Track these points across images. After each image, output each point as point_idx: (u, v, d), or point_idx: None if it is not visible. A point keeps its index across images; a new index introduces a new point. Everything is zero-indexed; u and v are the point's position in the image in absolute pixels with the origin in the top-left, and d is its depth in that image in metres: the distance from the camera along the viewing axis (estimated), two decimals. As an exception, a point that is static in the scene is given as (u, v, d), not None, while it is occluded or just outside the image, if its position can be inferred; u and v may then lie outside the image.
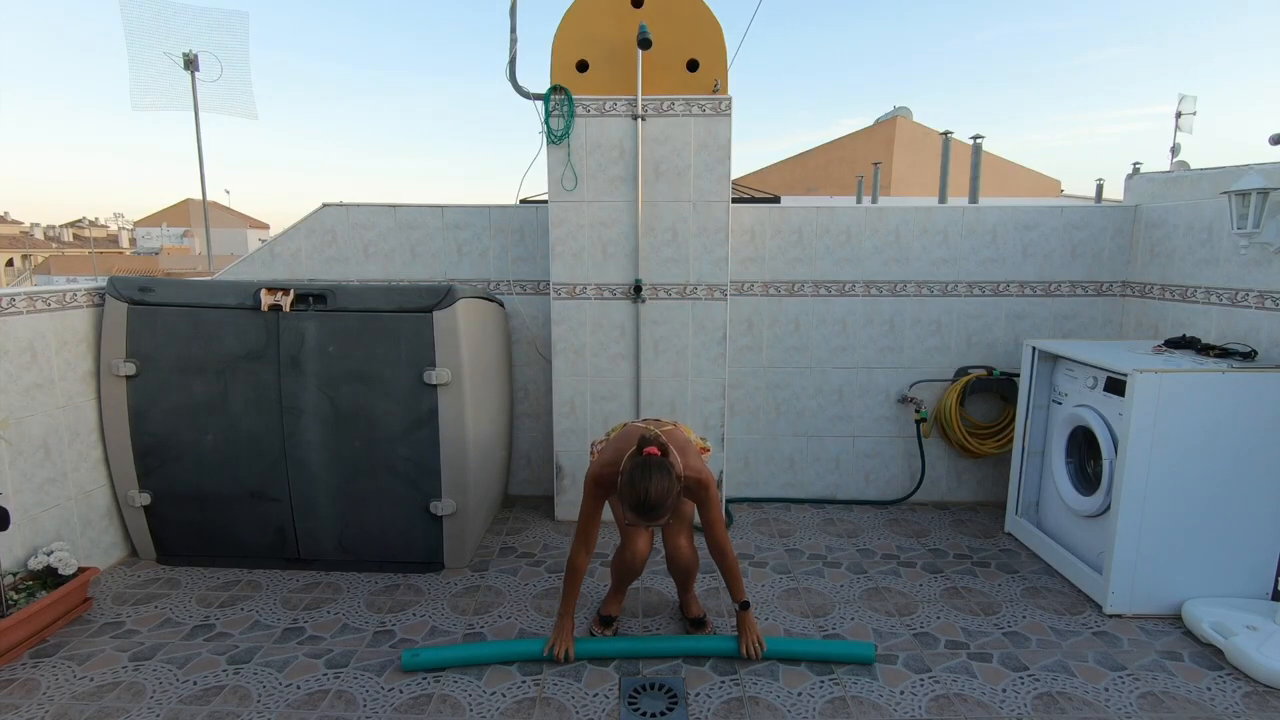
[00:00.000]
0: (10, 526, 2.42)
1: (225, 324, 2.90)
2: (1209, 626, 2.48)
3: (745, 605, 2.41)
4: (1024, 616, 2.70)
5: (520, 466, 3.97)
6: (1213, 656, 2.43)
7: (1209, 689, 2.25)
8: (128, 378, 2.92)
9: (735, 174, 4.33)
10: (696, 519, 2.49)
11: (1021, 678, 2.31)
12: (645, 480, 2.06)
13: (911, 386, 3.82)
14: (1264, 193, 2.77)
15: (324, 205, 3.78)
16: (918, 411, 3.77)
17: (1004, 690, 2.25)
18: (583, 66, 3.41)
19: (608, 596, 2.64)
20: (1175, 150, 4.75)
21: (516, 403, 3.92)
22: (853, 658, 2.38)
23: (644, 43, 3.16)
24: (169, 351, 2.92)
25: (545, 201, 3.44)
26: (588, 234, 3.38)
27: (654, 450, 2.13)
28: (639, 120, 3.27)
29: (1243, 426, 2.57)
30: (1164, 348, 3.03)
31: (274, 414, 2.91)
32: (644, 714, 2.12)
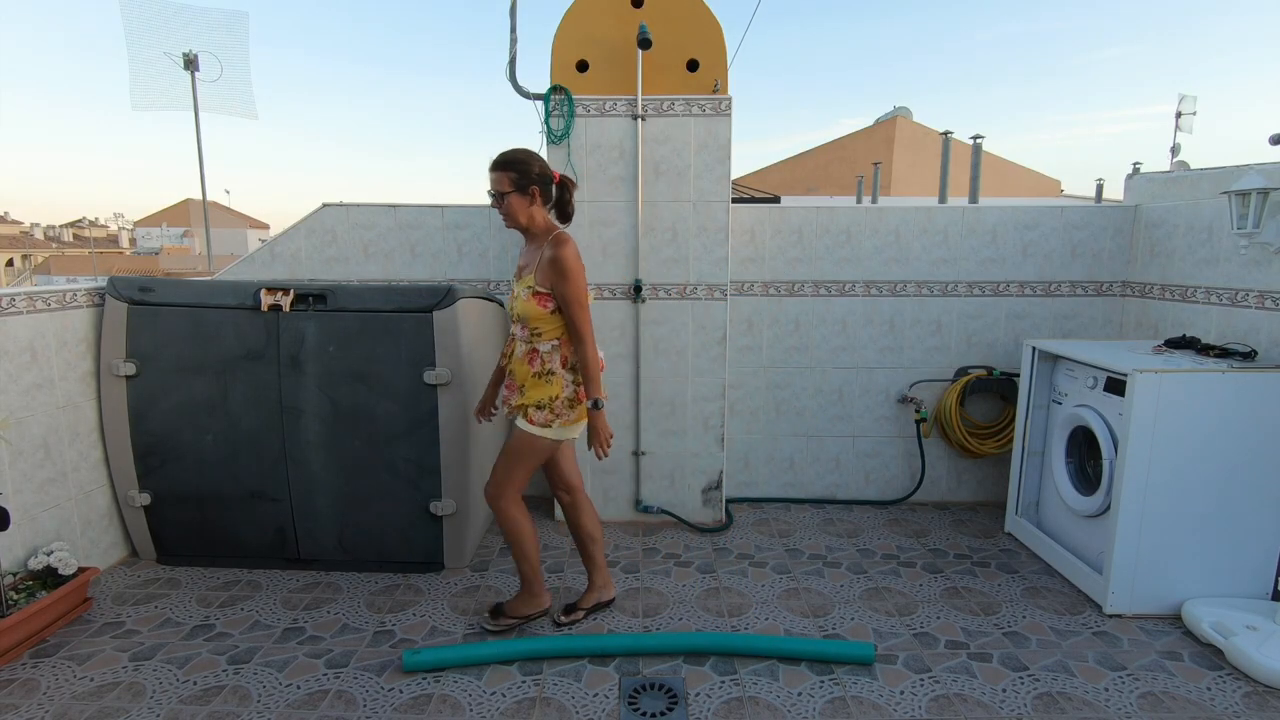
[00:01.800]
0: (10, 526, 2.42)
1: (225, 324, 2.90)
2: (1209, 626, 2.48)
3: (595, 404, 2.34)
4: (1024, 616, 2.70)
5: (520, 466, 3.97)
6: (1213, 656, 2.43)
7: (1209, 689, 2.25)
8: (128, 378, 2.92)
9: (735, 174, 4.34)
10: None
11: (1021, 678, 2.31)
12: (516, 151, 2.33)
13: (911, 386, 3.82)
14: (1264, 193, 2.77)
15: (324, 205, 3.78)
16: (918, 411, 3.77)
17: (1004, 690, 2.25)
18: (583, 66, 3.41)
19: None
20: (1175, 150, 4.75)
21: (516, 403, 3.91)
22: (853, 658, 2.37)
23: (644, 43, 3.16)
24: (169, 351, 2.92)
25: (545, 201, 3.43)
26: (587, 234, 3.37)
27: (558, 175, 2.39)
28: (639, 120, 3.27)
29: (1243, 426, 2.57)
30: (1164, 348, 3.03)
31: (274, 414, 2.91)
32: (644, 714, 2.12)
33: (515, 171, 2.28)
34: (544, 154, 3.33)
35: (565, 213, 2.46)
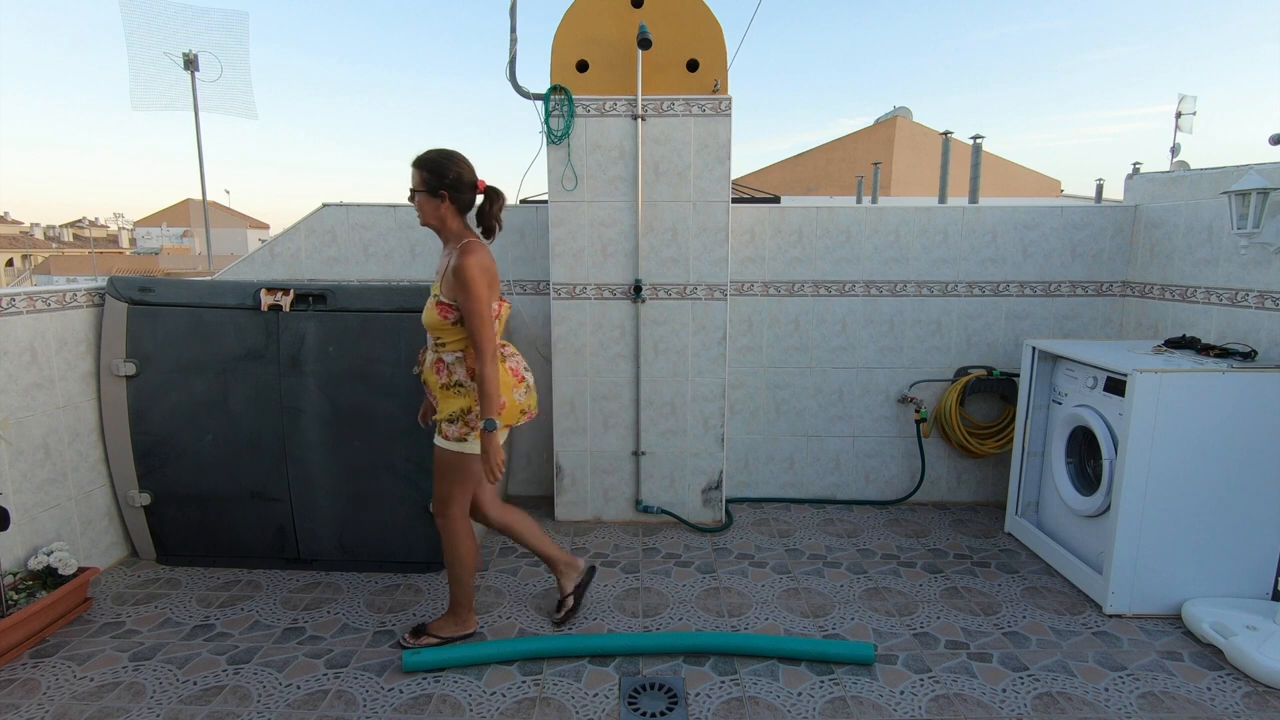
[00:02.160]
0: (10, 526, 2.43)
1: (225, 324, 2.90)
2: (1209, 626, 2.48)
3: (487, 425, 2.16)
4: (1024, 616, 2.70)
5: (520, 466, 3.97)
6: (1213, 656, 2.43)
7: (1209, 689, 2.25)
8: (128, 378, 2.92)
9: (735, 174, 4.34)
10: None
11: (1021, 678, 2.31)
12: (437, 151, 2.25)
13: (911, 386, 3.82)
14: (1264, 193, 2.77)
15: (324, 205, 3.78)
16: (918, 411, 3.77)
17: (1004, 690, 2.25)
18: (583, 66, 3.41)
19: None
20: (1175, 150, 4.75)
21: (516, 403, 3.91)
22: (853, 658, 2.37)
23: (644, 43, 3.16)
24: (169, 351, 2.92)
25: (545, 201, 3.44)
26: (588, 234, 3.38)
27: (483, 183, 2.30)
28: (639, 120, 3.27)
29: (1243, 426, 2.57)
30: (1164, 348, 3.03)
31: (274, 414, 2.91)
32: (644, 714, 2.12)
33: (428, 172, 2.21)
34: (544, 154, 3.34)
35: (487, 225, 2.33)
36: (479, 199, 2.32)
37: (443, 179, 2.21)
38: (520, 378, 2.36)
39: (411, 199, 2.26)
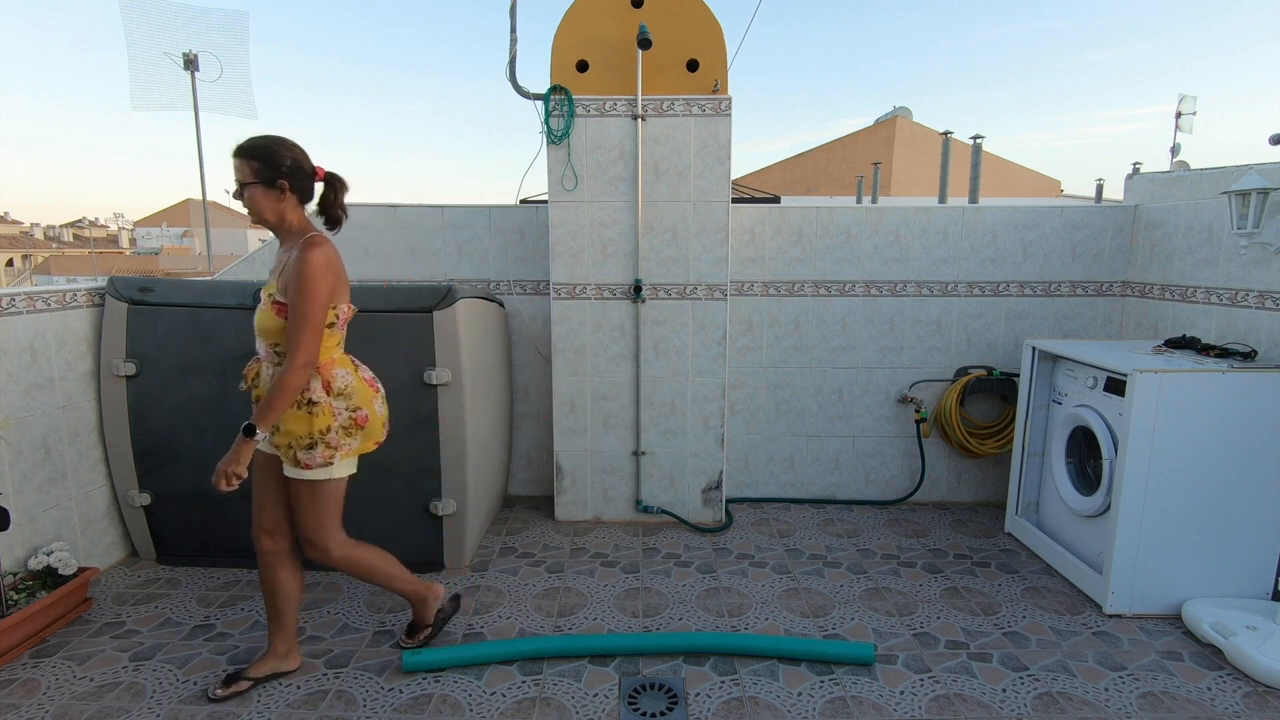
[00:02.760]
0: (10, 526, 2.42)
1: (225, 324, 2.90)
2: (1209, 626, 2.48)
3: (248, 430, 1.93)
4: (1024, 616, 2.70)
5: (520, 466, 3.97)
6: (1213, 656, 2.43)
7: (1209, 689, 2.25)
8: (128, 378, 2.92)
9: (735, 174, 4.33)
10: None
11: (1021, 678, 2.31)
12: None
13: (911, 386, 3.82)
14: (1264, 193, 2.77)
15: (324, 205, 3.78)
16: (918, 411, 3.77)
17: (1004, 690, 2.25)
18: (583, 66, 3.41)
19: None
20: (1175, 150, 4.76)
21: (516, 403, 3.92)
22: (853, 658, 2.37)
23: (644, 43, 3.16)
24: (169, 351, 2.91)
25: (545, 201, 3.43)
26: (588, 234, 3.38)
27: (321, 170, 2.05)
28: (639, 120, 3.27)
29: (1243, 426, 2.57)
30: (1164, 348, 3.03)
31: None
32: (644, 714, 2.12)
33: (259, 161, 1.92)
34: (544, 154, 3.34)
35: (332, 216, 2.09)
36: (318, 188, 2.07)
37: (279, 168, 1.94)
38: (376, 389, 2.17)
39: (240, 194, 1.96)
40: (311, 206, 2.08)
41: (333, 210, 2.08)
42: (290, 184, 1.97)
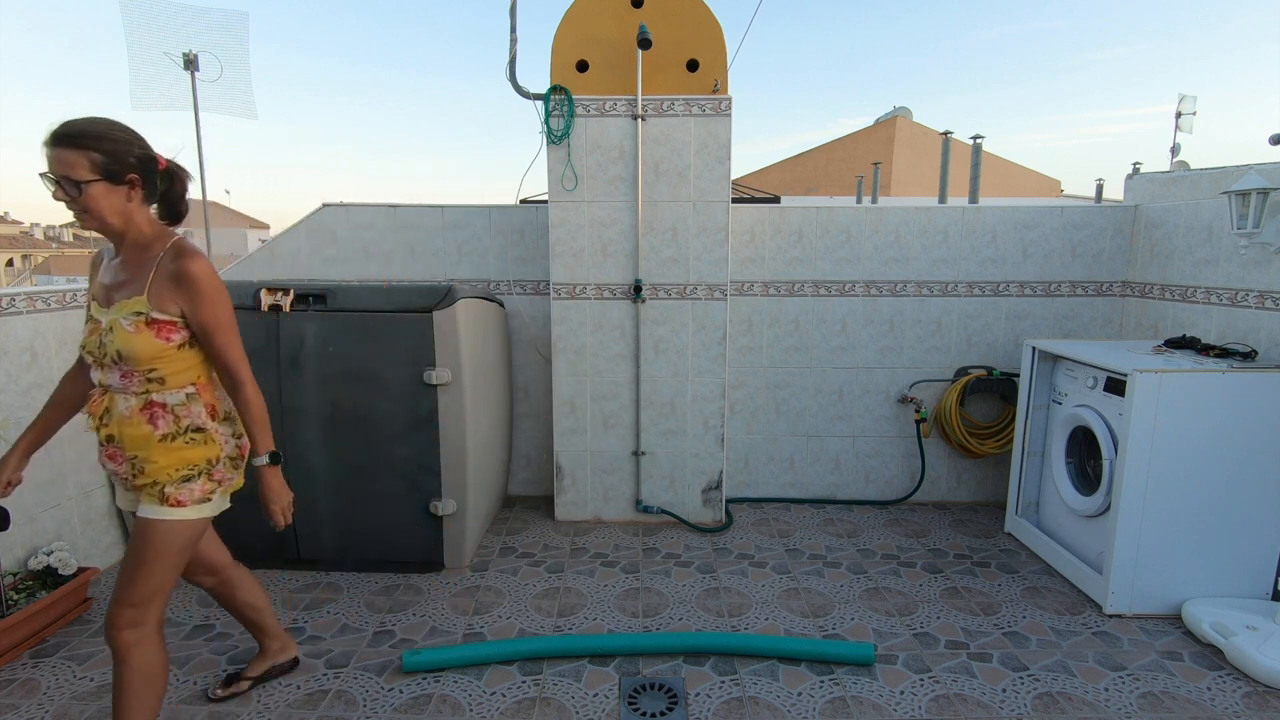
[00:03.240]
0: (10, 526, 2.42)
1: (225, 324, 2.89)
2: (1209, 626, 2.48)
3: (273, 458, 1.81)
4: (1024, 616, 2.70)
5: (520, 466, 3.97)
6: (1213, 656, 2.43)
7: (1209, 689, 2.25)
8: (128, 378, 2.91)
9: (735, 174, 4.33)
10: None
11: (1021, 678, 2.31)
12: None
13: (911, 386, 3.82)
14: (1264, 193, 2.77)
15: (324, 205, 3.78)
16: (918, 411, 3.77)
17: (1004, 690, 2.25)
18: (583, 66, 3.41)
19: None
20: (1175, 150, 4.76)
21: (516, 403, 3.92)
22: (853, 658, 2.37)
23: (644, 43, 3.16)
24: (169, 351, 2.91)
25: (545, 201, 3.44)
26: (588, 234, 3.38)
27: (164, 161, 1.70)
28: (639, 120, 3.27)
29: (1243, 426, 2.57)
30: (1164, 348, 3.03)
31: (274, 414, 2.88)
32: (644, 714, 2.12)
33: (102, 153, 1.54)
34: (544, 154, 3.34)
35: (177, 212, 1.77)
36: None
37: (125, 161, 1.58)
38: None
39: (72, 194, 1.54)
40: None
41: (177, 205, 1.76)
42: (142, 179, 1.62)
